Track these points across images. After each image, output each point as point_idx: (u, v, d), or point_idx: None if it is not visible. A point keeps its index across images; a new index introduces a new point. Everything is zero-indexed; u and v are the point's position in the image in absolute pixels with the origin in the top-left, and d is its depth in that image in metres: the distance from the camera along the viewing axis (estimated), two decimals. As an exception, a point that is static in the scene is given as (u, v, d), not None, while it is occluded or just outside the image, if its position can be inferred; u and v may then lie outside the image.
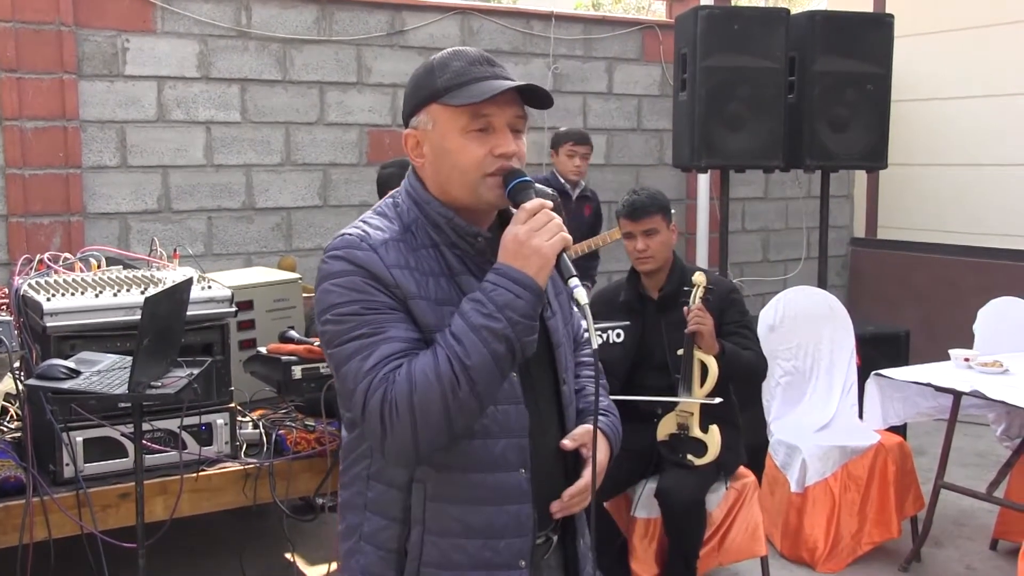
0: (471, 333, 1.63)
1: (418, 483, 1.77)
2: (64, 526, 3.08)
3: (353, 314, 1.69)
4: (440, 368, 1.62)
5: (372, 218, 1.84)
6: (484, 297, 1.65)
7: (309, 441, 3.59)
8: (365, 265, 1.72)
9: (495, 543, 1.78)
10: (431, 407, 1.62)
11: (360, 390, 1.67)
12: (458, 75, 1.76)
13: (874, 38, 5.59)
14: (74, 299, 3.16)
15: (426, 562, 1.78)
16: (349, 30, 6.00)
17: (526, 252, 1.67)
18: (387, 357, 1.66)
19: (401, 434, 1.64)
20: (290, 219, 5.94)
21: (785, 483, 4.40)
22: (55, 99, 5.16)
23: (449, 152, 1.76)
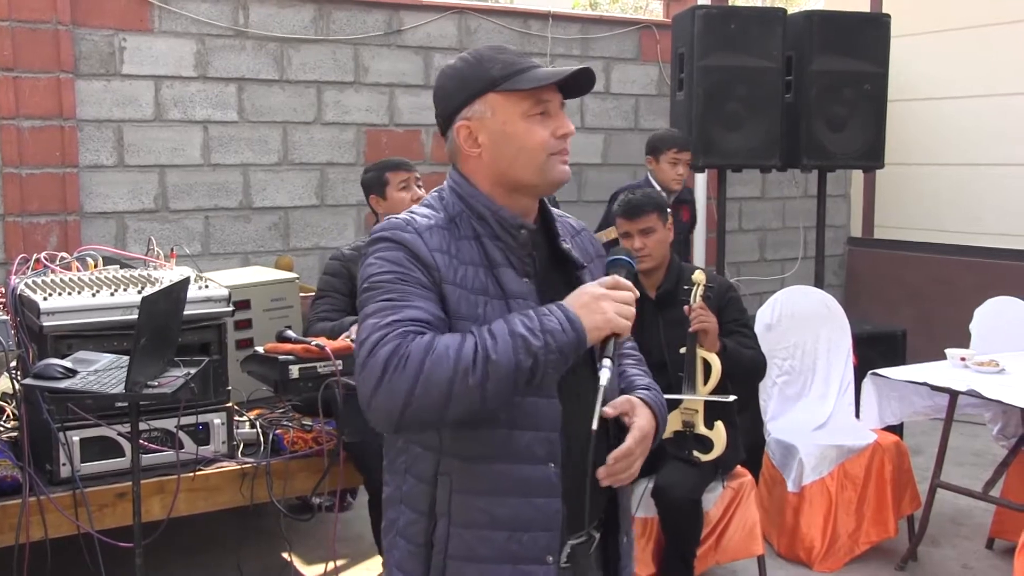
0: (508, 337, 1.66)
1: (444, 475, 1.79)
2: (61, 526, 3.08)
3: (386, 282, 1.75)
4: (463, 350, 1.65)
5: (419, 208, 1.90)
6: (534, 315, 1.70)
7: (306, 441, 3.60)
8: (408, 244, 1.78)
9: (520, 535, 1.79)
10: (438, 378, 1.63)
11: (370, 340, 1.67)
12: (511, 65, 1.85)
13: (871, 38, 5.60)
14: (71, 298, 3.16)
15: (452, 555, 1.79)
16: (346, 29, 6.00)
17: (593, 307, 1.73)
18: (412, 319, 1.69)
19: (396, 390, 1.64)
20: (287, 218, 5.94)
21: (782, 482, 4.40)
22: (52, 98, 5.15)
23: (514, 136, 1.84)
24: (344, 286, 3.79)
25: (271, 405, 3.93)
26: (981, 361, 4.33)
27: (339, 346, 3.25)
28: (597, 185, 6.68)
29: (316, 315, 3.73)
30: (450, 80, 1.90)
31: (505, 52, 1.88)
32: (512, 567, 1.79)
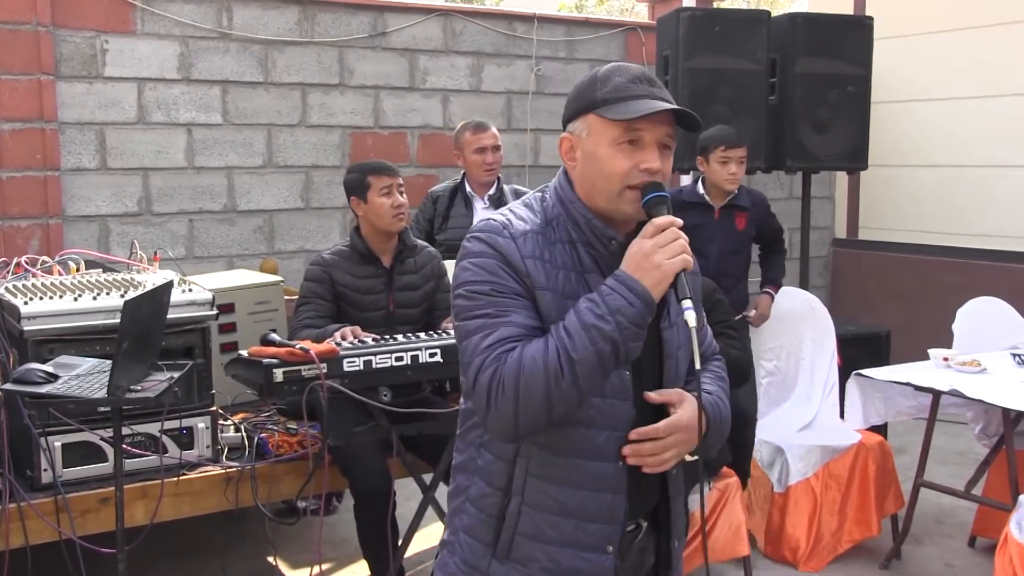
0: (582, 330, 1.73)
1: (523, 458, 1.87)
2: (42, 532, 3.06)
3: (483, 293, 1.81)
4: (548, 357, 1.73)
5: (519, 208, 1.94)
6: (599, 299, 1.75)
7: (291, 444, 3.59)
8: (502, 251, 1.83)
9: (587, 525, 1.88)
10: (534, 391, 1.73)
11: (475, 365, 1.78)
12: (617, 90, 1.86)
13: (854, 40, 5.62)
14: (52, 303, 3.15)
15: (521, 531, 1.88)
16: (331, 31, 5.99)
17: (647, 265, 1.76)
18: (505, 339, 1.77)
19: (503, 411, 1.75)
20: (272, 221, 5.93)
21: (767, 482, 4.41)
22: (32, 100, 5.13)
23: (598, 160, 1.87)
24: (327, 292, 3.77)
25: (256, 409, 3.92)
26: (963, 361, 4.34)
27: (323, 349, 3.24)
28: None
29: (300, 322, 3.71)
30: (572, 92, 1.95)
31: (625, 74, 1.88)
32: (574, 552, 1.88)
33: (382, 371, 3.29)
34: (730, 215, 4.60)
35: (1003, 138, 6.85)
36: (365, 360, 3.26)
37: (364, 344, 3.36)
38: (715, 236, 4.54)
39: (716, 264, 4.48)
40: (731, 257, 4.60)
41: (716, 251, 4.53)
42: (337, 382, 3.21)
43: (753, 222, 4.68)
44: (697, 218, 4.45)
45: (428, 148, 6.34)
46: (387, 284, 3.83)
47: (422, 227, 4.85)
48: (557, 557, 1.88)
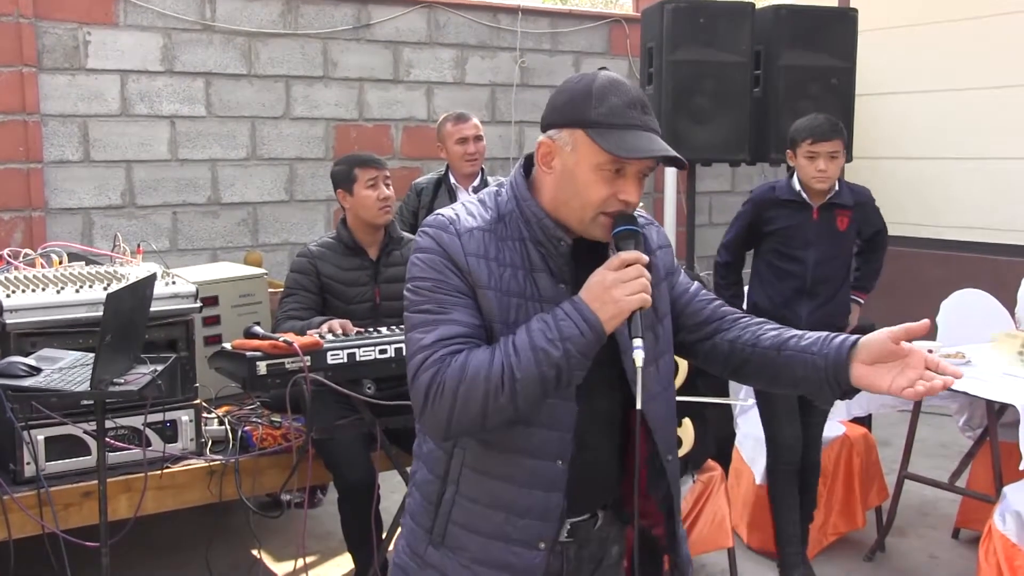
0: (529, 351, 1.72)
1: (459, 449, 1.90)
2: (25, 526, 3.05)
3: (426, 289, 1.83)
4: (491, 371, 1.73)
5: (472, 204, 1.94)
6: (552, 323, 1.74)
7: (275, 437, 3.58)
8: (446, 247, 1.84)
9: (516, 520, 1.88)
10: (472, 401, 1.73)
11: (415, 363, 1.79)
12: (613, 114, 1.81)
13: (838, 32, 5.64)
14: (35, 295, 3.13)
15: (454, 520, 1.91)
16: (315, 24, 5.97)
17: (605, 298, 1.74)
18: (445, 339, 1.78)
19: (438, 414, 1.76)
20: (256, 214, 5.91)
21: (751, 475, 4.42)
22: (14, 93, 5.09)
23: (577, 181, 1.83)
24: (312, 284, 3.76)
25: (239, 402, 3.91)
26: (947, 353, 4.36)
27: (307, 342, 3.23)
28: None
29: (284, 313, 3.70)
30: (563, 94, 1.87)
31: (622, 96, 1.83)
32: (503, 545, 1.88)
33: (366, 364, 3.28)
34: (830, 215, 4.02)
35: (987, 131, 6.88)
36: (349, 353, 3.25)
37: (348, 337, 3.35)
38: (812, 239, 4.00)
39: (814, 271, 4.01)
40: (831, 262, 4.04)
41: (814, 256, 4.00)
42: (321, 375, 3.20)
43: (856, 223, 4.11)
44: (792, 218, 4.01)
45: (412, 140, 6.33)
46: (373, 276, 3.83)
47: (406, 219, 4.84)
48: (487, 548, 1.89)
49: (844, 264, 4.17)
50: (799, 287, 4.02)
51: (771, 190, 4.09)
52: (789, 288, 4.04)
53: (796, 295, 4.03)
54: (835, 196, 4.02)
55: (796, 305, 4.01)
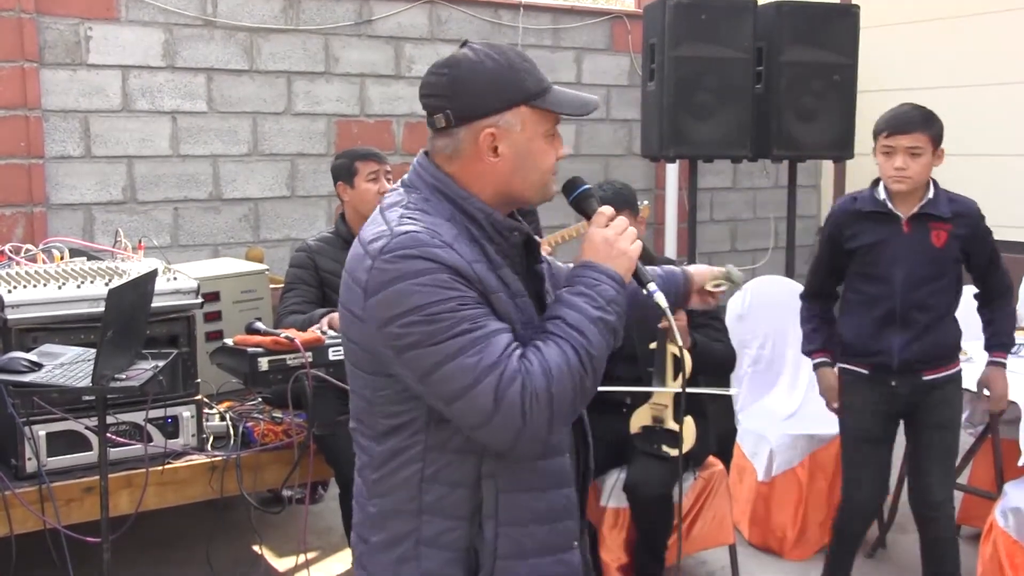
0: (591, 325, 1.71)
1: (487, 478, 1.78)
2: (26, 521, 3.05)
3: (449, 311, 1.65)
4: (570, 359, 1.69)
5: (414, 214, 1.77)
6: (591, 292, 1.75)
7: (276, 433, 3.58)
8: (448, 263, 1.68)
9: (556, 526, 1.85)
10: (565, 396, 1.68)
11: (488, 384, 1.64)
12: (539, 79, 1.82)
13: (841, 28, 5.62)
14: (36, 291, 3.13)
15: (502, 555, 1.79)
16: (316, 19, 5.96)
17: (615, 253, 1.81)
18: (505, 348, 1.67)
19: (538, 424, 1.67)
20: (257, 210, 5.90)
21: (753, 472, 4.42)
22: (16, 88, 5.09)
23: (535, 154, 1.82)
24: (312, 278, 3.77)
25: (241, 398, 3.91)
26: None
27: (309, 338, 3.23)
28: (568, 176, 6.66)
29: (286, 308, 3.71)
30: (480, 78, 1.78)
31: (527, 61, 1.82)
32: (553, 557, 1.85)
33: (368, 360, 3.28)
34: (923, 228, 3.41)
35: (990, 127, 6.87)
36: (351, 349, 3.25)
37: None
38: (901, 255, 3.39)
39: (904, 294, 3.39)
40: (926, 285, 3.40)
41: (903, 276, 3.38)
42: (322, 371, 3.21)
43: (958, 240, 3.42)
44: (878, 232, 3.43)
45: (414, 136, 6.32)
46: None
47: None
48: (540, 568, 1.82)
49: (947, 289, 3.47)
50: (888, 315, 3.41)
51: (851, 201, 3.54)
52: (877, 316, 3.43)
53: (885, 325, 3.42)
54: (928, 205, 3.42)
55: (887, 337, 3.42)
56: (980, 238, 3.50)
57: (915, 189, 3.40)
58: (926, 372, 3.48)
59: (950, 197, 3.50)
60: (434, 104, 1.82)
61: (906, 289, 3.39)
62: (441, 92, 1.80)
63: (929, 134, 3.40)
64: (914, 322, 3.40)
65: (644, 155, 5.82)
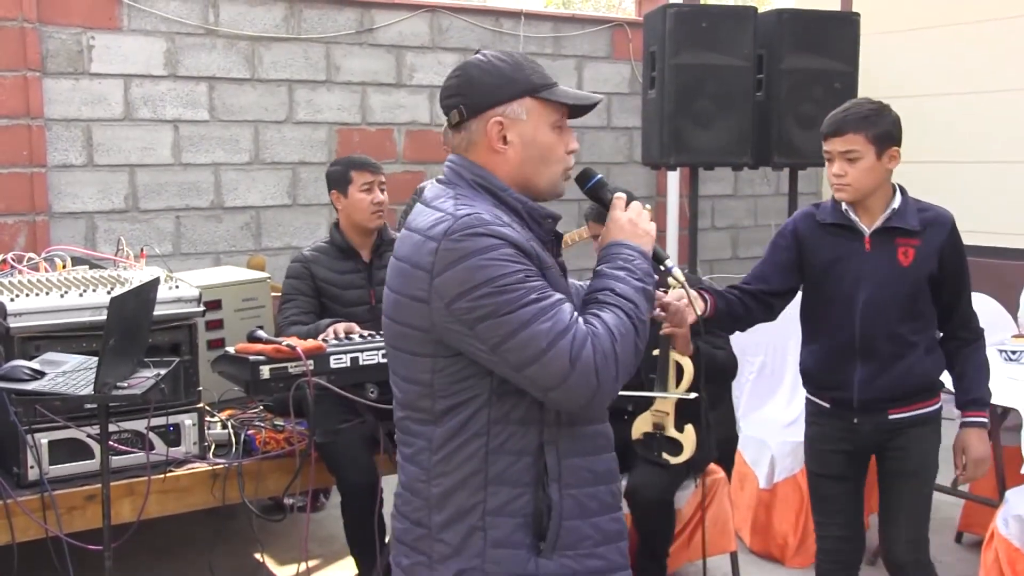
0: (639, 295, 1.89)
1: (549, 444, 1.90)
2: (28, 529, 3.05)
3: (520, 282, 1.78)
4: (627, 323, 1.84)
5: (467, 202, 1.88)
6: (630, 265, 1.93)
7: (278, 441, 3.58)
8: (510, 240, 1.81)
9: (611, 487, 2.00)
10: (629, 356, 1.84)
11: (562, 348, 1.77)
12: (545, 76, 1.99)
13: (841, 36, 5.64)
14: (39, 299, 3.13)
15: (567, 516, 1.91)
16: (318, 28, 5.98)
17: (640, 232, 1.99)
18: (572, 314, 1.82)
19: (610, 381, 1.82)
20: (259, 218, 5.91)
21: (754, 479, 4.42)
22: (19, 97, 5.10)
23: (543, 144, 1.95)
24: (309, 288, 3.78)
25: (242, 406, 3.91)
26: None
27: (310, 346, 3.23)
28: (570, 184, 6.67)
29: (287, 320, 3.70)
30: (488, 75, 1.94)
31: (534, 63, 2.00)
32: (610, 516, 1.98)
33: (369, 368, 3.28)
34: (888, 244, 2.95)
35: (990, 134, 6.88)
36: (352, 357, 3.26)
37: (351, 341, 3.36)
38: (863, 275, 2.94)
39: (864, 319, 2.93)
40: (891, 310, 2.92)
41: (864, 299, 2.93)
42: (324, 379, 3.21)
43: (928, 256, 2.93)
44: (837, 249, 2.99)
45: (415, 144, 6.34)
46: (367, 279, 3.84)
47: (410, 223, 4.84)
48: (602, 527, 1.95)
49: (916, 316, 2.96)
50: (847, 344, 2.96)
51: (815, 210, 3.11)
52: (836, 345, 3.00)
53: (845, 355, 2.98)
54: (893, 217, 2.95)
55: (846, 369, 2.98)
56: (951, 255, 2.97)
57: (865, 198, 2.93)
58: (892, 411, 3.00)
59: (920, 207, 3.01)
60: (449, 103, 1.97)
61: (868, 315, 2.93)
62: (455, 91, 1.97)
63: (867, 134, 2.88)
64: (877, 353, 2.93)
65: (645, 163, 5.83)
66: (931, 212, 3.00)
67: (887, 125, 2.94)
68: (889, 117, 2.96)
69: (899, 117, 3.00)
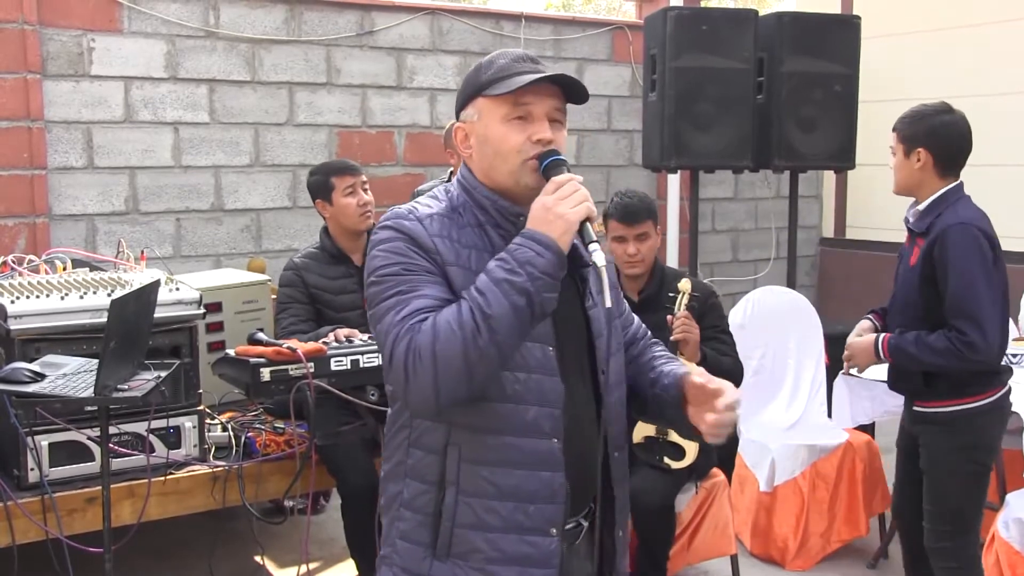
0: (493, 286, 1.73)
1: (453, 446, 1.85)
2: (29, 531, 3.05)
3: (393, 275, 1.82)
4: (463, 318, 1.72)
5: (423, 199, 1.97)
6: (508, 255, 1.76)
7: (278, 443, 3.58)
8: (409, 232, 1.85)
9: (526, 507, 1.85)
10: (452, 355, 1.71)
11: (389, 341, 1.77)
12: (501, 70, 1.91)
13: (841, 39, 5.64)
14: (39, 301, 3.13)
15: (459, 523, 1.86)
16: (318, 30, 5.98)
17: (551, 217, 1.78)
18: (418, 310, 1.77)
19: (423, 381, 1.73)
20: (259, 220, 5.91)
21: (754, 482, 4.42)
22: (19, 99, 5.10)
23: (492, 140, 1.91)
24: (303, 295, 3.78)
25: (243, 408, 3.91)
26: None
27: (311, 349, 3.23)
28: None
29: (284, 329, 3.68)
30: (461, 84, 2.00)
31: (507, 56, 1.94)
32: (518, 537, 1.86)
33: (369, 370, 3.29)
34: (911, 243, 3.32)
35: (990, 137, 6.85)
36: (352, 359, 3.26)
37: (351, 343, 3.35)
38: (898, 273, 3.38)
39: (891, 314, 3.38)
40: (906, 310, 3.26)
41: (895, 294, 3.36)
42: (324, 381, 3.21)
43: (926, 257, 3.17)
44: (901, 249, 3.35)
45: (415, 147, 6.33)
46: (359, 283, 3.83)
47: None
48: (500, 544, 1.85)
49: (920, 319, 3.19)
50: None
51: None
52: None
53: None
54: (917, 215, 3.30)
55: None
56: (941, 259, 3.09)
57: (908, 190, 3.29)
58: (916, 402, 3.29)
59: (940, 211, 3.21)
60: None
61: (893, 311, 3.34)
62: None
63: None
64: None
65: (645, 165, 5.83)
66: (942, 215, 3.16)
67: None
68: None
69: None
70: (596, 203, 1.88)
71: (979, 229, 3.14)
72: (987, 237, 3.14)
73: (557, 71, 1.90)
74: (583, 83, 1.94)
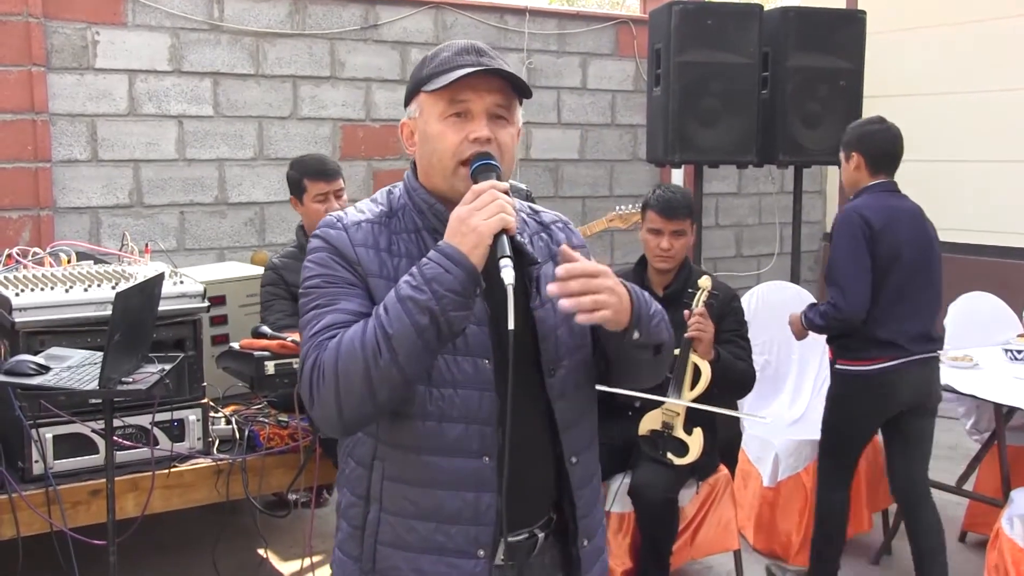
0: (397, 304, 1.63)
1: (378, 460, 1.80)
2: (33, 524, 3.05)
3: (315, 287, 1.77)
4: (365, 336, 1.64)
5: (362, 203, 1.91)
6: (417, 272, 1.65)
7: (282, 437, 3.58)
8: (333, 242, 1.79)
9: (447, 528, 1.77)
10: (353, 375, 1.64)
11: (301, 356, 1.73)
12: (443, 64, 1.80)
13: (846, 34, 5.63)
14: (43, 294, 3.13)
15: (381, 540, 1.80)
16: (323, 24, 5.98)
17: (464, 230, 1.66)
18: (330, 326, 1.71)
19: (325, 400, 1.67)
20: (263, 214, 5.91)
21: (758, 477, 4.42)
22: (23, 92, 5.10)
23: (430, 137, 1.81)
24: (284, 292, 3.79)
25: (247, 401, 3.91)
26: (955, 356, 4.36)
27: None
28: (573, 181, 6.67)
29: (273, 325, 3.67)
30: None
31: (452, 48, 1.83)
32: (438, 558, 1.77)
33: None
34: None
35: (995, 133, 6.87)
36: (357, 353, 3.26)
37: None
38: None
39: None
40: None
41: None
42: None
43: None
44: None
45: (420, 141, 6.33)
46: None
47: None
48: (419, 564, 1.77)
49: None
50: None
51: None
52: None
53: None
54: None
55: None
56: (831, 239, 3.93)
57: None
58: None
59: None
60: None
61: None
62: None
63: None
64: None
65: (650, 160, 5.82)
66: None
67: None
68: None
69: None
70: (599, 199, 1.81)
71: (860, 215, 3.68)
72: (866, 221, 3.66)
73: (503, 65, 1.80)
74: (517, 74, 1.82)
